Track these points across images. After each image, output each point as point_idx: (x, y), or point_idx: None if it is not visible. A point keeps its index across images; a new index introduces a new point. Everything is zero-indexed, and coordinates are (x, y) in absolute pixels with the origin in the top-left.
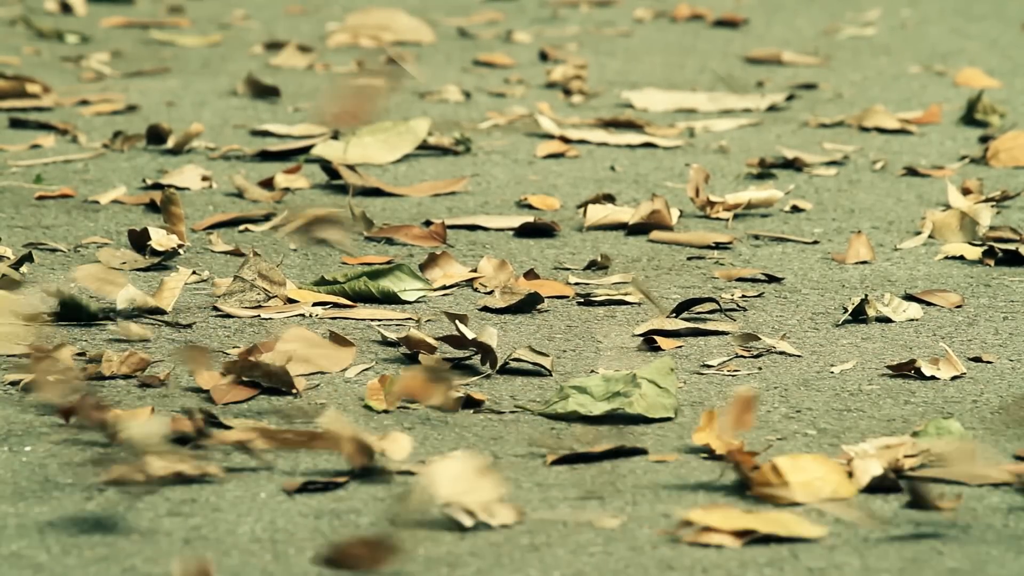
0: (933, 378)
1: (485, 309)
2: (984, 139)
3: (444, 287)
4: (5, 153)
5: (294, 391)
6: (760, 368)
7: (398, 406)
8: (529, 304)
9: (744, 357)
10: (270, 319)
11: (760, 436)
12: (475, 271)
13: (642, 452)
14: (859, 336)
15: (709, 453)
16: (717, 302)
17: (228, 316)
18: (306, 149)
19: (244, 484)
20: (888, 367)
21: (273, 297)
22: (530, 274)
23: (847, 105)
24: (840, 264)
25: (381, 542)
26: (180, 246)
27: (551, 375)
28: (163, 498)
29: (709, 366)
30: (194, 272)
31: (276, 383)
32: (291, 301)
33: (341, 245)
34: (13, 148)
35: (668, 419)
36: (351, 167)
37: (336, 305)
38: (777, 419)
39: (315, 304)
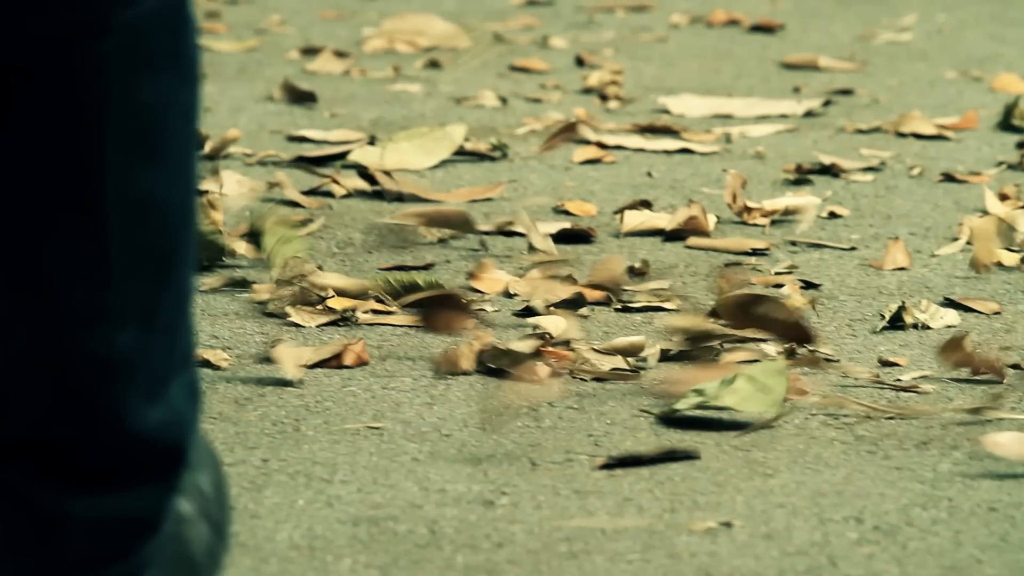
0: (971, 382)
1: (526, 313)
2: (1021, 144)
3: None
4: None
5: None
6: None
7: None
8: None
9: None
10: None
11: (796, 444)
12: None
13: (695, 457)
14: (896, 343)
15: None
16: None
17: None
18: (343, 155)
19: (282, 491)
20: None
21: (327, 299)
22: (568, 280)
23: (884, 111)
24: (877, 270)
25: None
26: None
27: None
28: None
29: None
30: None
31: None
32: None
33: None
34: None
35: (767, 416)
36: (388, 173)
37: (375, 311)
38: (815, 426)
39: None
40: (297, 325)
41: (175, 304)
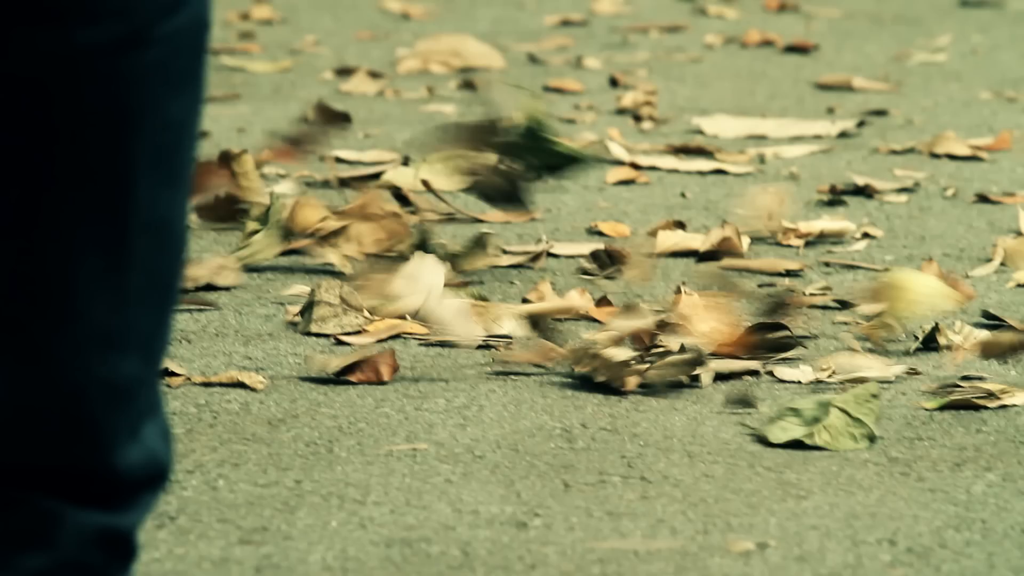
0: (1004, 407)
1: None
2: None
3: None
4: None
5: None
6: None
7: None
8: None
9: (821, 383)
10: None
11: (829, 465)
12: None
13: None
14: (930, 364)
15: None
16: (788, 329)
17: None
18: (377, 175)
19: (315, 512)
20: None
21: (374, 322)
22: (603, 301)
23: (918, 131)
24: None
25: None
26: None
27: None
28: (234, 527)
29: (791, 382)
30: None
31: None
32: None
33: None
34: None
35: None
36: (429, 189)
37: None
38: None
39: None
40: (341, 342)
41: (166, 337)
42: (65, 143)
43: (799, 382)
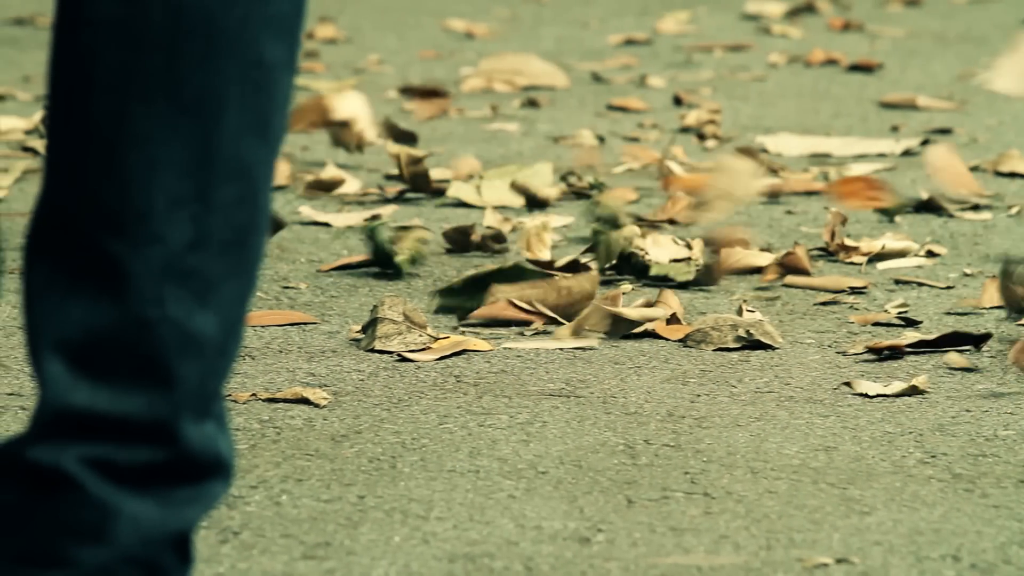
0: None
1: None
2: None
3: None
4: None
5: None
6: (895, 412)
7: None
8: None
9: (885, 396)
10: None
11: (893, 482)
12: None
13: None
14: (994, 381)
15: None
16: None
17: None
18: (441, 192)
19: (378, 528)
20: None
21: (438, 340)
22: (673, 319)
23: (982, 150)
24: (975, 309)
25: None
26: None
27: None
28: (298, 542)
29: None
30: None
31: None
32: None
33: None
34: None
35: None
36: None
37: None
38: (912, 464)
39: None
40: (405, 359)
41: (243, 320)
42: (158, 51)
43: (866, 394)
